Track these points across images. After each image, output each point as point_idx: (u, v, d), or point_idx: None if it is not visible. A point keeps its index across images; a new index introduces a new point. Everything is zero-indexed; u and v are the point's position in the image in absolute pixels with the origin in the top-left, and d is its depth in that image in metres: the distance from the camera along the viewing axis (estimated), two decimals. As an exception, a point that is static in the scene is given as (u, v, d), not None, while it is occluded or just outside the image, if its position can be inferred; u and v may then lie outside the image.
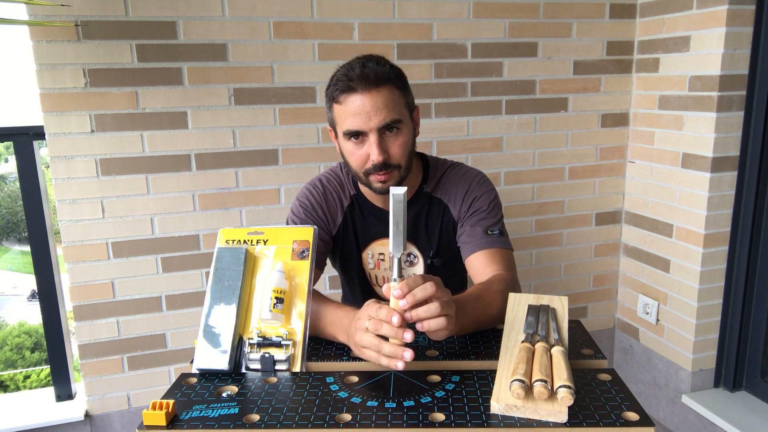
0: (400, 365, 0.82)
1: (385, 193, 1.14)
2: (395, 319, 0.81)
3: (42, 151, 1.85)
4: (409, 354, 0.81)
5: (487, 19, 1.98)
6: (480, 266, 1.16)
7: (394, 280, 0.84)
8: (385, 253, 1.28)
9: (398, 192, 0.83)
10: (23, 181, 1.80)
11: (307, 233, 0.98)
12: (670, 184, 2.06)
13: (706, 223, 1.93)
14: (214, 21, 1.73)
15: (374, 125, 1.07)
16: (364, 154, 1.11)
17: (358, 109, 1.07)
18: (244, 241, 0.98)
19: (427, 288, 0.82)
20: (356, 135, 1.10)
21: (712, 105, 1.86)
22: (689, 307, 2.02)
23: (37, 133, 1.77)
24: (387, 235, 1.25)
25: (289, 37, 1.80)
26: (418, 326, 0.83)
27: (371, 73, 1.06)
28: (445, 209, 1.25)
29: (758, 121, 1.85)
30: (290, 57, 1.81)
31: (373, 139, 1.08)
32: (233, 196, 1.86)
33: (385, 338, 0.84)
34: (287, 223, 1.26)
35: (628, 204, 2.29)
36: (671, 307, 2.11)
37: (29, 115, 1.79)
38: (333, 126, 1.17)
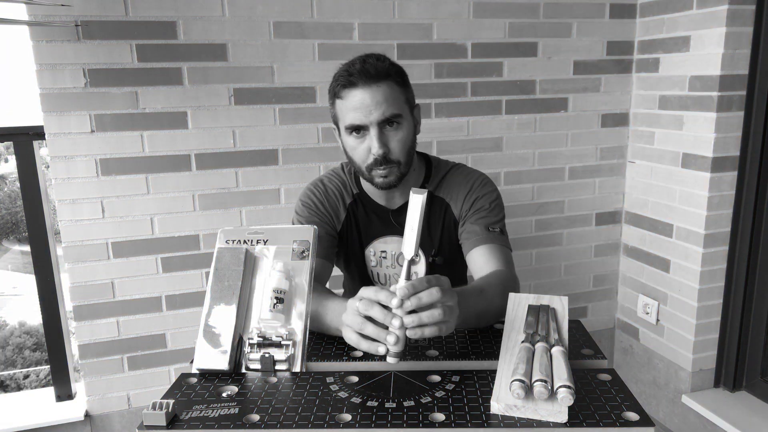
0: (381, 349, 0.80)
1: (387, 188, 1.18)
2: (395, 302, 0.79)
3: (42, 151, 1.85)
4: (392, 338, 0.78)
5: (487, 19, 1.98)
6: (481, 261, 1.17)
7: (405, 280, 0.81)
8: (387, 251, 1.29)
9: (418, 194, 0.83)
10: (23, 181, 1.81)
11: (307, 233, 0.98)
12: (670, 184, 2.06)
13: (706, 223, 1.93)
14: (214, 21, 1.73)
15: (374, 119, 1.10)
16: (366, 149, 1.14)
17: (359, 103, 1.10)
18: (244, 241, 0.98)
19: (433, 293, 0.80)
20: (357, 129, 1.13)
21: (712, 105, 1.86)
22: (689, 307, 2.02)
23: (37, 133, 1.77)
24: (389, 234, 1.27)
25: (289, 37, 1.80)
26: (410, 333, 0.80)
27: (371, 68, 1.10)
28: (447, 208, 1.27)
29: (758, 121, 1.85)
30: (290, 57, 1.81)
31: (373, 132, 1.11)
32: (233, 196, 1.86)
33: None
34: (293, 224, 1.27)
35: (628, 204, 2.29)
36: (671, 307, 2.10)
37: (29, 115, 1.79)
38: (336, 123, 1.20)
